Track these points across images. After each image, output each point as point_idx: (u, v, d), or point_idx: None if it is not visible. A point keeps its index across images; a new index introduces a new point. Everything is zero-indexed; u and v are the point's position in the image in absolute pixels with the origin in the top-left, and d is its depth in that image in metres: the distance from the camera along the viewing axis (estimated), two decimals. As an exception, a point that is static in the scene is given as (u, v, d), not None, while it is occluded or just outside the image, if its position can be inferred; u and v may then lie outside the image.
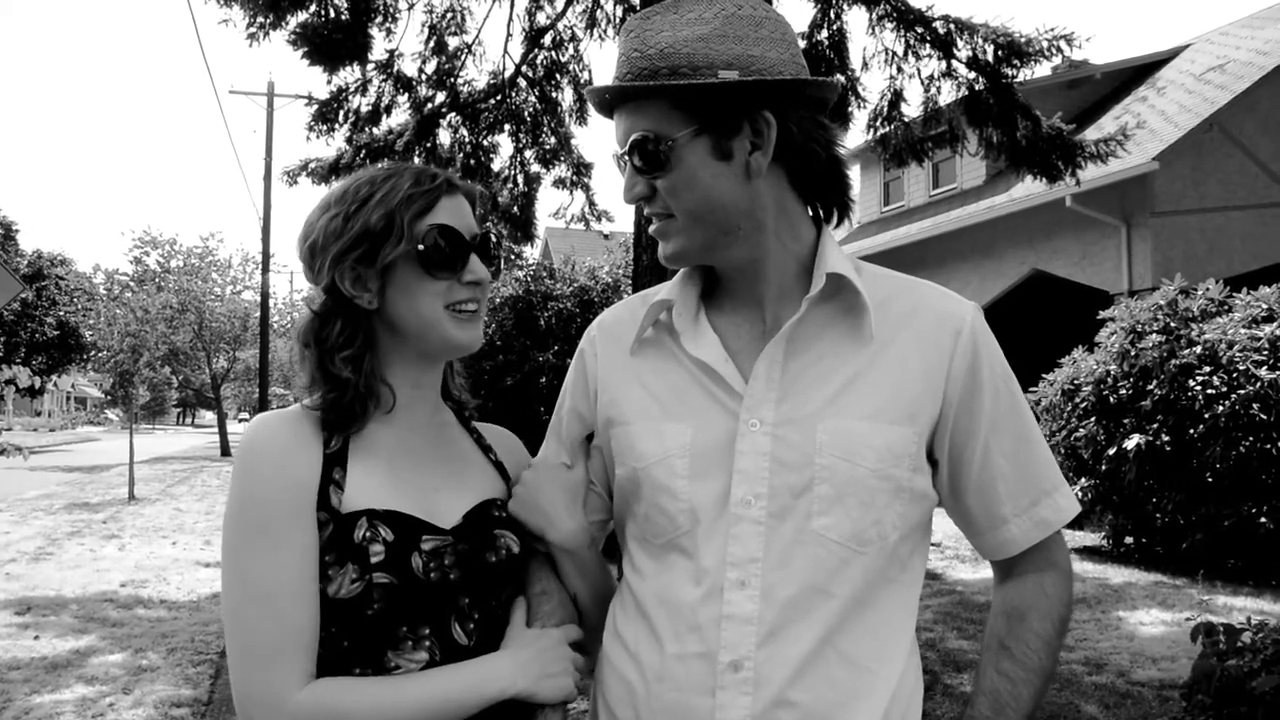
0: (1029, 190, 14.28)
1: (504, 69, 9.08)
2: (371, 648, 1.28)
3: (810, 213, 1.40)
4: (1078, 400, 9.58)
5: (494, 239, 1.45)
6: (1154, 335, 9.01)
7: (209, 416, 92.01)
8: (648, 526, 1.37)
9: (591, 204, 10.27)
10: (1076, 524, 9.82)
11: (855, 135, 8.99)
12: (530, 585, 1.42)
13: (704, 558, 1.30)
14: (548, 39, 8.94)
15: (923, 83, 8.02)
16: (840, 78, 7.98)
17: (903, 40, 7.91)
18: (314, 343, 1.38)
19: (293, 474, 1.28)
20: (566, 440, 1.52)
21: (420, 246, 1.33)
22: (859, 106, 8.28)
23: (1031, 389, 10.19)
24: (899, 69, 8.02)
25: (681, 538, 1.33)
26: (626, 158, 1.33)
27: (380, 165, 1.42)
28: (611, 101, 1.34)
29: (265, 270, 26.88)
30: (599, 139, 51.11)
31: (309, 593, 1.26)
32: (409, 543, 1.29)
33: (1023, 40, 7.68)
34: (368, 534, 1.27)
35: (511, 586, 1.41)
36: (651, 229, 1.38)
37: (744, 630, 1.26)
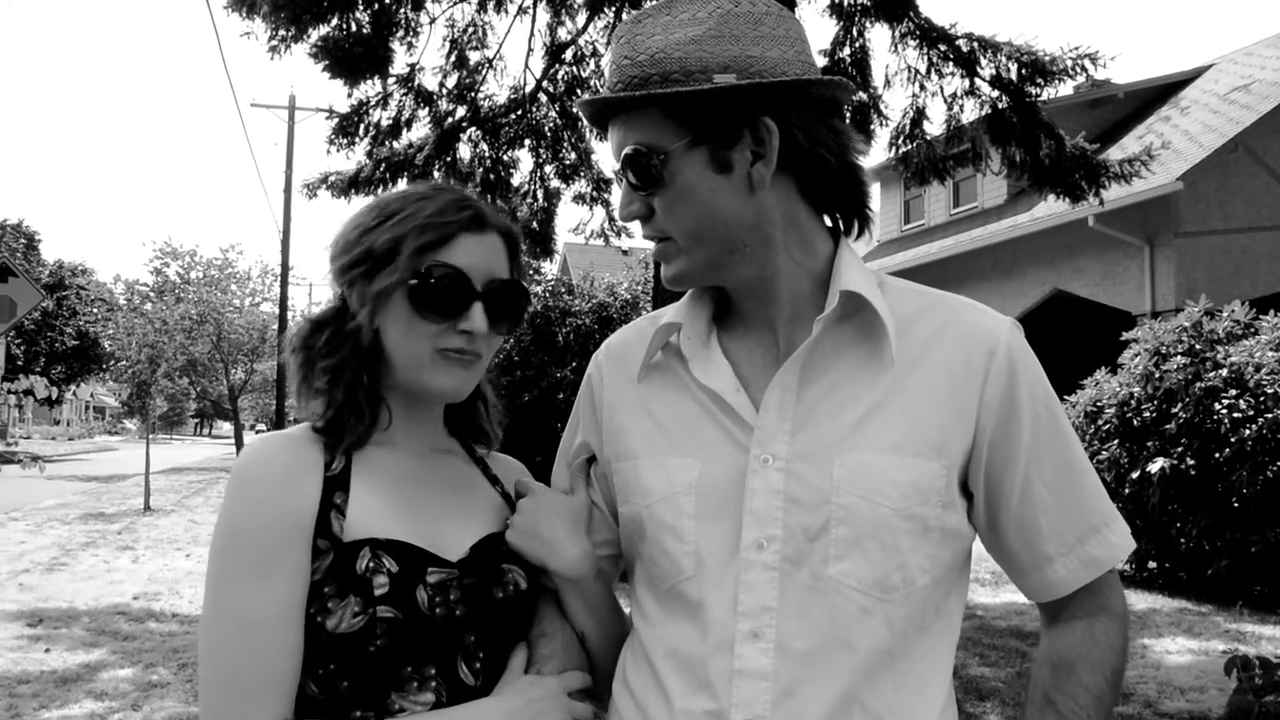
0: (1051, 210, 14.19)
1: (525, 84, 9.06)
2: (374, 688, 1.19)
3: (827, 224, 1.29)
4: (1100, 423, 9.46)
5: (518, 287, 1.33)
6: (1179, 357, 8.88)
7: (226, 427, 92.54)
8: (653, 569, 1.28)
9: (611, 219, 10.22)
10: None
11: (877, 153, 8.96)
12: (532, 627, 1.33)
13: (712, 607, 1.19)
14: (569, 54, 8.92)
15: (945, 101, 7.97)
16: (862, 94, 7.94)
17: (925, 58, 7.86)
18: (301, 348, 1.33)
19: (291, 501, 1.20)
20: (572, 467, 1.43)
21: (413, 282, 1.24)
22: (881, 124, 8.24)
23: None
24: (921, 87, 7.98)
25: (685, 583, 1.22)
26: (621, 174, 1.24)
27: (425, 185, 1.34)
28: (604, 114, 1.25)
29: (284, 282, 26.99)
30: (618, 154, 51.18)
31: (296, 629, 1.18)
32: (414, 575, 1.21)
33: (1047, 59, 7.63)
34: (371, 564, 1.18)
35: (519, 625, 1.33)
36: (653, 252, 1.29)
37: (758, 687, 1.15)
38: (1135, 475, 8.81)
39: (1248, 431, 8.04)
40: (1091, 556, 1.25)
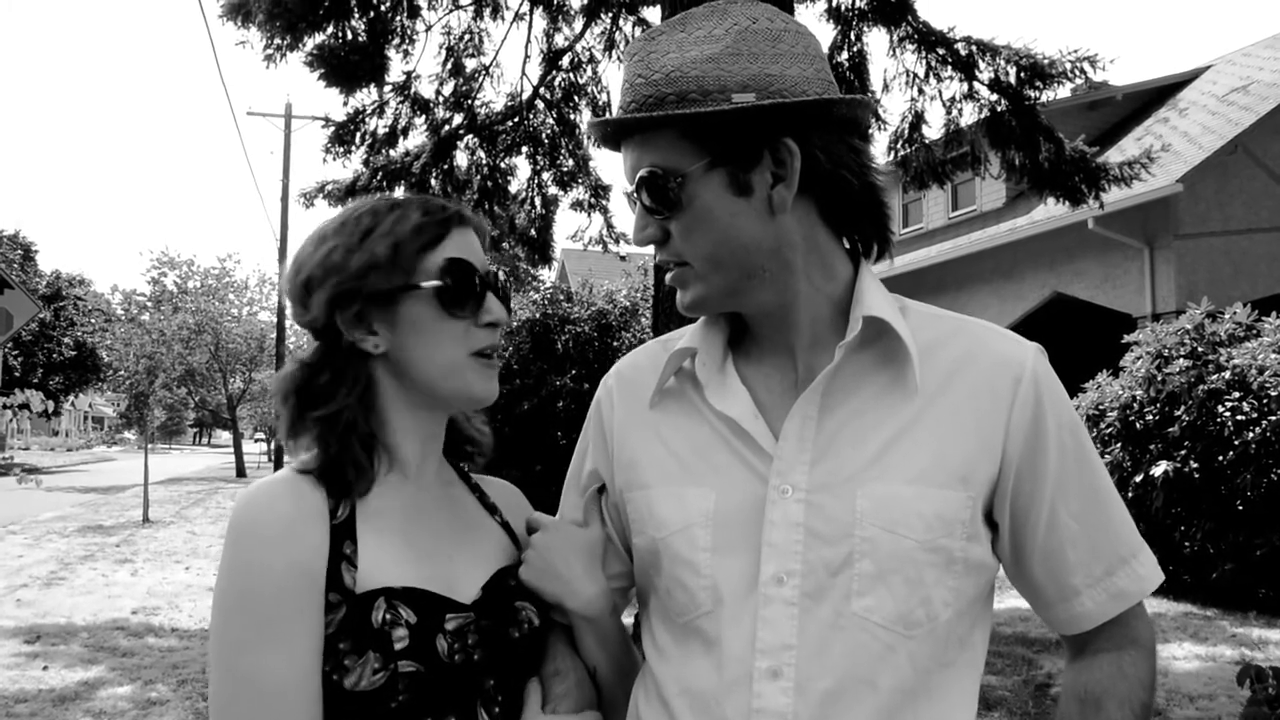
0: (1050, 212, 14.16)
1: (522, 91, 9.03)
2: None
3: (845, 245, 1.25)
4: (1103, 426, 9.42)
5: (503, 278, 1.31)
6: (1181, 360, 8.85)
7: (225, 436, 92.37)
8: (670, 602, 1.22)
9: (609, 226, 10.20)
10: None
11: (875, 157, 8.94)
12: (544, 664, 1.28)
13: (729, 643, 1.14)
14: (566, 61, 8.88)
15: (944, 104, 7.94)
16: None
17: (924, 62, 7.83)
18: (294, 394, 1.23)
19: (298, 557, 1.12)
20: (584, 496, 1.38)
21: (436, 282, 1.20)
22: (879, 128, 8.21)
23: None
24: (920, 90, 7.95)
25: (702, 619, 1.17)
26: (635, 196, 1.19)
27: (381, 196, 1.29)
28: (616, 134, 1.20)
29: (281, 291, 26.92)
30: (617, 161, 51.07)
31: (312, 691, 1.11)
32: (433, 624, 1.15)
33: (1045, 62, 7.60)
34: (388, 616, 1.12)
35: (533, 662, 1.28)
36: (668, 277, 1.23)
37: None
38: (1138, 479, 8.77)
39: (1251, 434, 8.01)
40: (1120, 589, 1.21)
